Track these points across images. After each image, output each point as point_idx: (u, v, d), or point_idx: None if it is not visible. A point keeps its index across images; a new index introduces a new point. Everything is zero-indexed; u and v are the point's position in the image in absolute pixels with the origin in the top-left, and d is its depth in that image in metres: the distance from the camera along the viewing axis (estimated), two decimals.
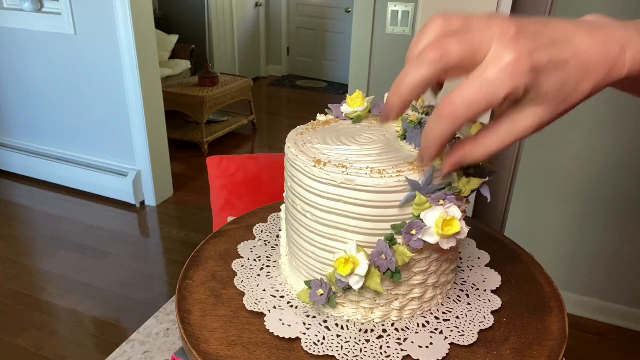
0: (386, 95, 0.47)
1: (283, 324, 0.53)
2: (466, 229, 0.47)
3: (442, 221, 0.45)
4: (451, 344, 0.51)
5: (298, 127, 0.60)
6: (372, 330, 0.53)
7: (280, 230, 0.69)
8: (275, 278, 0.61)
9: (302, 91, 5.30)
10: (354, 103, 0.61)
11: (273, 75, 5.93)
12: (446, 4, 0.88)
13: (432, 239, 0.46)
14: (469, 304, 0.58)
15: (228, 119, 3.97)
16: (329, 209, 0.49)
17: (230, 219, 0.80)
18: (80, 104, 2.74)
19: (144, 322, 0.86)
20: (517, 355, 0.51)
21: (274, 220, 0.74)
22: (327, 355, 0.50)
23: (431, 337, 0.52)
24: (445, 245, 0.47)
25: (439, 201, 0.46)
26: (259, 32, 5.64)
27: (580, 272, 1.88)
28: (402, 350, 0.50)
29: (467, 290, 0.60)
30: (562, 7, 1.40)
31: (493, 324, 0.54)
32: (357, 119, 0.61)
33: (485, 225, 0.76)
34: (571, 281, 1.90)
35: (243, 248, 0.68)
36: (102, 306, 1.97)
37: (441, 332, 0.53)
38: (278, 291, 0.58)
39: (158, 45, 3.50)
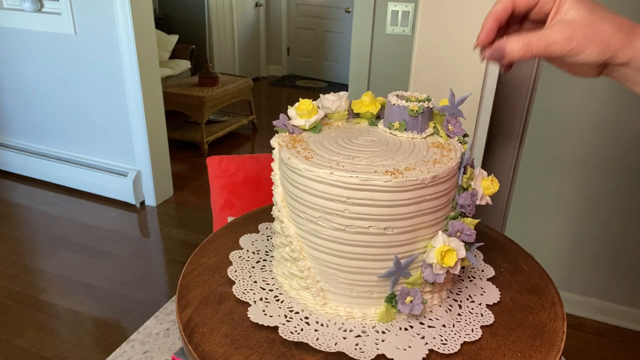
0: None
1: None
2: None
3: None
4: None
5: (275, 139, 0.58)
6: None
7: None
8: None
9: (302, 91, 5.30)
10: (307, 114, 0.58)
11: (273, 75, 5.93)
12: (446, 4, 0.88)
13: (483, 201, 0.57)
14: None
15: (228, 119, 3.97)
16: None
17: (230, 219, 0.80)
18: (80, 104, 2.74)
19: (144, 322, 0.86)
20: None
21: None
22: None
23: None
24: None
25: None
26: (259, 32, 5.63)
27: (580, 272, 1.88)
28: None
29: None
30: None
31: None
32: (315, 129, 0.59)
33: (485, 225, 0.76)
34: (571, 281, 1.90)
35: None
36: (102, 306, 1.97)
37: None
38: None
39: (158, 45, 3.51)
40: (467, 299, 0.60)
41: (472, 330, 0.54)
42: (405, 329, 0.53)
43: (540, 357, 0.52)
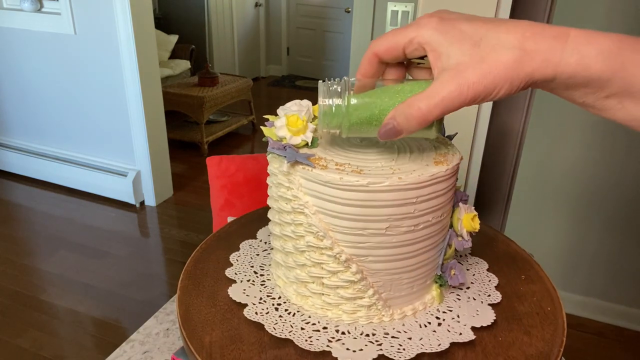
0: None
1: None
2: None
3: None
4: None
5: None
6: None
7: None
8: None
9: (302, 91, 5.30)
10: (302, 130, 0.53)
11: (273, 75, 5.93)
12: (446, 4, 0.88)
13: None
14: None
15: (228, 119, 3.97)
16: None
17: (230, 219, 0.80)
18: (80, 104, 2.74)
19: (144, 322, 0.86)
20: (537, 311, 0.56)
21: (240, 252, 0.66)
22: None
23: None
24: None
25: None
26: (259, 32, 5.64)
27: (580, 272, 1.88)
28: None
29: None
30: (562, 6, 1.40)
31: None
32: (314, 144, 0.54)
33: (485, 225, 0.76)
34: (571, 281, 1.90)
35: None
36: (102, 306, 1.97)
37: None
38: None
39: (158, 45, 3.50)
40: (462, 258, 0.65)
41: (488, 277, 0.60)
42: (459, 299, 0.57)
43: (534, 273, 0.62)
